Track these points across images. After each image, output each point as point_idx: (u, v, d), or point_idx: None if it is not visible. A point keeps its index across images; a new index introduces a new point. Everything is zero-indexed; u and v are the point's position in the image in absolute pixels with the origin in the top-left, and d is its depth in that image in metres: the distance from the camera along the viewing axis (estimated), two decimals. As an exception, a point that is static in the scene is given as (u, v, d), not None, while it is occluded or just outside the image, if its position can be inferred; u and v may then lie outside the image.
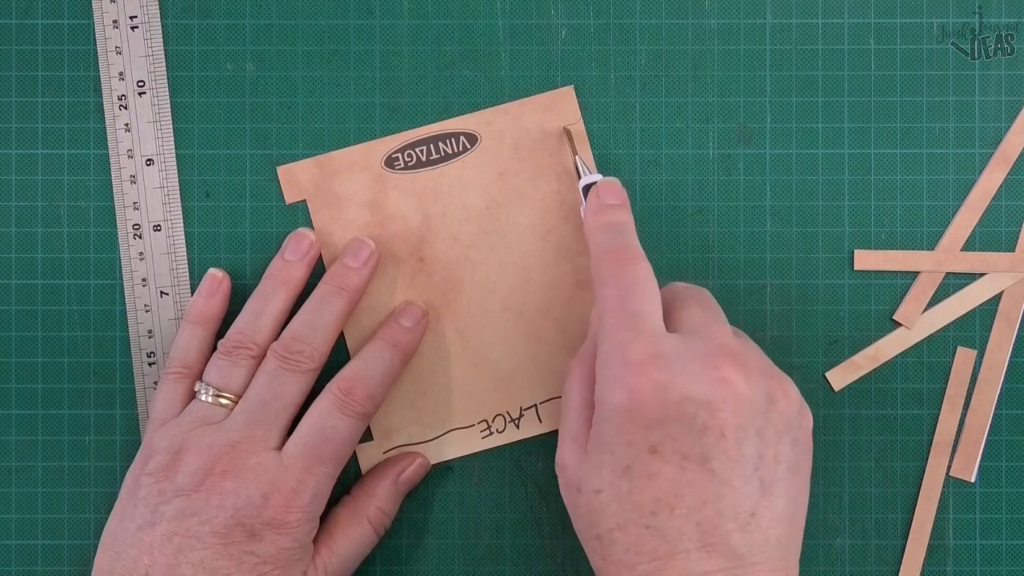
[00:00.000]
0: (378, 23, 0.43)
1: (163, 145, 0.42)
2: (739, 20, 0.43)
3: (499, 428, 0.42)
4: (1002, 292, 0.43)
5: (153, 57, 0.41)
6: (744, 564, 0.33)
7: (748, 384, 0.34)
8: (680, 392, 0.33)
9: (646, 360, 0.34)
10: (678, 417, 0.33)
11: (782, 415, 0.35)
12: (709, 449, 0.33)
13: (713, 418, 0.33)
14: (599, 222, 0.38)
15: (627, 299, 0.36)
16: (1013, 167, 0.43)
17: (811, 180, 0.43)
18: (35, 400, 0.43)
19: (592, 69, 0.43)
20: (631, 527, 0.33)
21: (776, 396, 0.35)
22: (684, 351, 0.34)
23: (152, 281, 0.42)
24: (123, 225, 0.41)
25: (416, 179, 0.42)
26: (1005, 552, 0.43)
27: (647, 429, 0.33)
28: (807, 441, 0.36)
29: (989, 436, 0.43)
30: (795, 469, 0.35)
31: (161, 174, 0.42)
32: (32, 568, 0.42)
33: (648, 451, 0.33)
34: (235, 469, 0.37)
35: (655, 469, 0.33)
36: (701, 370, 0.34)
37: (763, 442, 0.34)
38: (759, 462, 0.34)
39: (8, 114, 0.42)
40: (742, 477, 0.33)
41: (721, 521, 0.33)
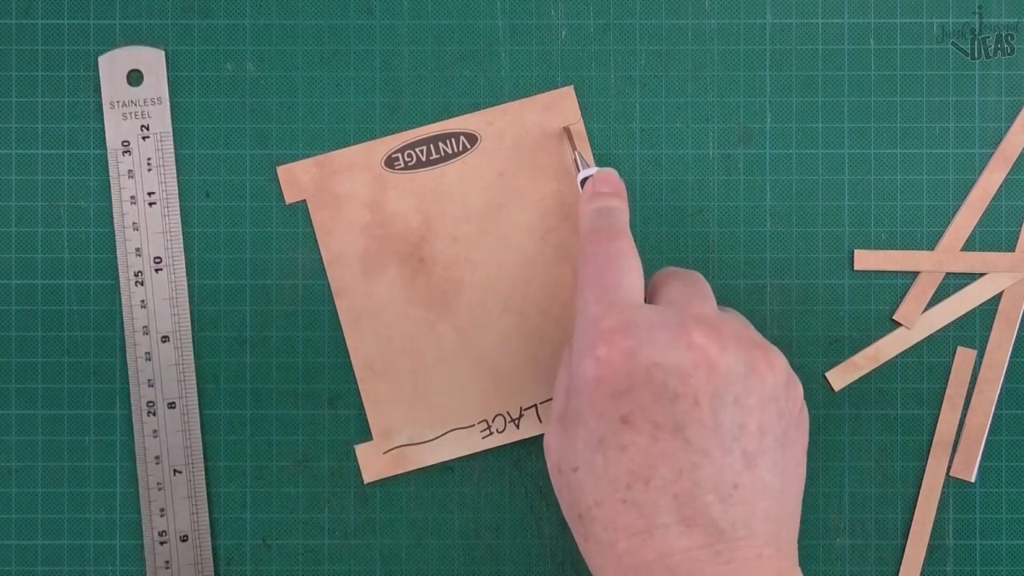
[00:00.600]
0: (378, 23, 0.43)
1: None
2: (739, 20, 0.43)
3: (499, 428, 0.42)
4: (1002, 292, 0.43)
5: (170, 234, 0.41)
6: (726, 539, 0.31)
7: (722, 351, 0.33)
8: (648, 358, 0.32)
9: (615, 329, 0.33)
10: (647, 385, 0.32)
11: (764, 384, 0.33)
12: (682, 417, 0.32)
13: (684, 385, 0.32)
14: (590, 208, 0.38)
15: (604, 273, 0.35)
16: (1013, 167, 0.43)
17: (811, 180, 0.43)
18: (35, 400, 0.43)
19: (592, 69, 0.43)
20: (607, 503, 0.32)
21: (758, 366, 0.33)
22: (655, 320, 0.33)
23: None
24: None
25: (416, 179, 0.42)
26: (1005, 552, 0.43)
27: (616, 399, 0.32)
28: (798, 414, 0.34)
29: (989, 436, 0.43)
30: (784, 442, 0.33)
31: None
32: (32, 568, 0.42)
33: (620, 421, 0.32)
34: None
35: (627, 440, 0.32)
36: (671, 337, 0.33)
37: (743, 411, 0.32)
38: (739, 432, 0.32)
39: (8, 114, 0.42)
40: (721, 447, 0.32)
41: (699, 493, 0.32)
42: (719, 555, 0.31)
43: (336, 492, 0.42)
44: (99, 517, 0.43)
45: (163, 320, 0.42)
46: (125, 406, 0.43)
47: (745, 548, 0.32)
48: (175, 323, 0.42)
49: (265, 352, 0.43)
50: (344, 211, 0.42)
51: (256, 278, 0.43)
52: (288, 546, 0.43)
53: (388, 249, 0.42)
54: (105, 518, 0.43)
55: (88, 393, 0.43)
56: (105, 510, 0.42)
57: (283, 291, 0.43)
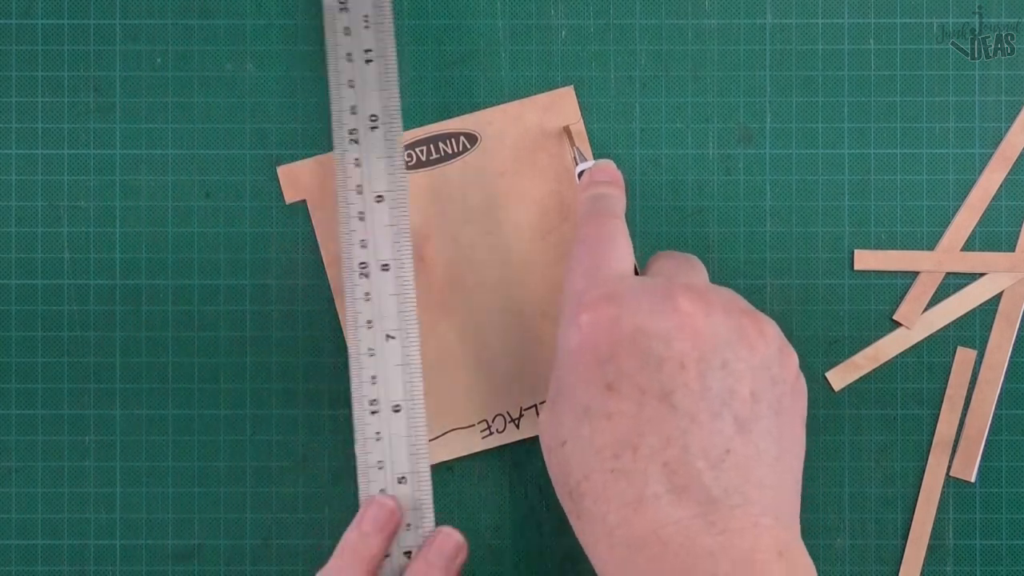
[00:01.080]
0: (378, 23, 0.43)
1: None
2: (739, 20, 0.43)
3: (499, 428, 0.42)
4: (1002, 292, 0.43)
5: (387, 92, 0.40)
6: (720, 508, 0.30)
7: (708, 317, 0.32)
8: (632, 324, 0.32)
9: (598, 298, 0.33)
10: (631, 349, 0.31)
11: (755, 351, 0.32)
12: (668, 382, 0.31)
13: (669, 349, 0.31)
14: (585, 195, 0.38)
15: (593, 253, 0.35)
16: (1013, 167, 0.43)
17: (811, 180, 0.43)
18: (35, 400, 0.43)
19: (592, 69, 0.43)
20: (596, 475, 0.31)
21: (747, 332, 0.32)
22: (640, 288, 0.33)
23: (378, 324, 0.40)
24: (350, 263, 0.40)
25: (416, 179, 0.42)
26: (1005, 552, 0.43)
27: (600, 366, 0.32)
28: (794, 382, 0.34)
29: (989, 436, 0.43)
30: (779, 409, 0.32)
31: (392, 212, 0.40)
32: (32, 568, 0.42)
33: (605, 388, 0.31)
34: None
35: (613, 408, 0.31)
36: (655, 303, 0.32)
37: (732, 376, 0.31)
38: (729, 397, 0.31)
39: (8, 114, 0.42)
40: (709, 412, 0.31)
41: (690, 459, 0.31)
42: (713, 525, 0.30)
43: (336, 492, 0.42)
44: (99, 517, 0.43)
45: (379, 182, 0.40)
46: (125, 406, 0.43)
47: (740, 517, 0.30)
48: (390, 182, 0.40)
49: (265, 352, 0.43)
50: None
51: (256, 278, 0.43)
52: (288, 546, 0.43)
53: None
54: (105, 518, 0.43)
55: (88, 393, 0.43)
56: (105, 510, 0.42)
57: (283, 291, 0.43)
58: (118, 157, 0.43)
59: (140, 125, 0.43)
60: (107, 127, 0.43)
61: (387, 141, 0.40)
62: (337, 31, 0.40)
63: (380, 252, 0.40)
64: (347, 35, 0.40)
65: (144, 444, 0.43)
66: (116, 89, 0.43)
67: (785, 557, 0.31)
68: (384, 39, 0.40)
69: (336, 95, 0.40)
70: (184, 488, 0.43)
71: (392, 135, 0.40)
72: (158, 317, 0.43)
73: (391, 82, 0.40)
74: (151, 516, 0.43)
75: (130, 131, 0.43)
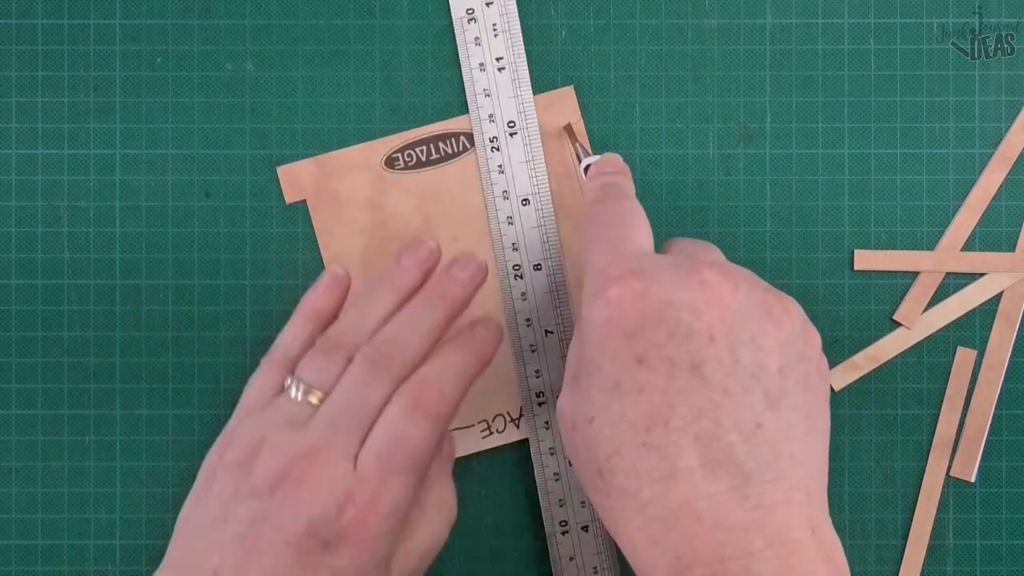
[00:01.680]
0: (378, 23, 0.43)
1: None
2: (739, 20, 0.43)
3: (499, 428, 0.42)
4: (1002, 292, 0.43)
5: (521, 98, 0.41)
6: (753, 482, 0.30)
7: (734, 291, 0.32)
8: (660, 296, 0.31)
9: (624, 273, 0.32)
10: (660, 322, 0.31)
11: (781, 327, 0.32)
12: (698, 354, 0.31)
13: (699, 321, 0.31)
14: (594, 184, 0.38)
15: (611, 229, 0.34)
16: (1013, 167, 0.43)
17: (811, 180, 0.43)
18: (35, 400, 0.43)
19: (592, 69, 0.43)
20: (627, 449, 0.31)
21: (772, 308, 0.32)
22: (666, 263, 0.33)
23: (536, 321, 0.42)
24: (504, 266, 0.42)
25: (416, 179, 0.42)
26: (1005, 552, 0.43)
27: (630, 339, 0.31)
28: (819, 361, 0.33)
29: (989, 436, 0.43)
30: (807, 386, 0.32)
31: (538, 212, 0.42)
32: (32, 568, 0.43)
33: (635, 362, 0.31)
34: (311, 477, 0.34)
35: (643, 381, 0.31)
36: (681, 277, 0.32)
37: (760, 351, 0.31)
38: (759, 371, 0.31)
39: (8, 114, 0.42)
40: (740, 385, 0.31)
41: (721, 432, 0.30)
42: (747, 500, 0.30)
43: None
44: (99, 517, 0.43)
45: (522, 185, 0.42)
46: (125, 406, 0.43)
47: (773, 492, 0.30)
48: (534, 186, 0.42)
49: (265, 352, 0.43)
50: (344, 211, 0.42)
51: (256, 278, 0.43)
52: (288, 546, 0.43)
53: (388, 249, 0.42)
54: (105, 518, 0.43)
55: (88, 393, 0.43)
56: (105, 510, 0.42)
57: (283, 291, 0.43)
58: (118, 157, 0.43)
59: (140, 125, 0.43)
60: (107, 127, 0.43)
61: (526, 146, 0.42)
62: (468, 42, 0.42)
63: (531, 253, 0.41)
64: (477, 45, 0.41)
65: (144, 444, 0.43)
66: (116, 89, 0.43)
67: (817, 535, 0.30)
68: (514, 45, 0.41)
69: (473, 105, 0.42)
70: (184, 488, 0.43)
71: (531, 140, 0.42)
72: (158, 317, 0.43)
73: (525, 87, 0.42)
74: (151, 516, 0.43)
75: (130, 131, 0.43)
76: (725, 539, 0.30)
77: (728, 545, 0.29)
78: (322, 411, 0.36)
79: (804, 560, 0.30)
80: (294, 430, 0.35)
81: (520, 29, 0.42)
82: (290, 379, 0.37)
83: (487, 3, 0.42)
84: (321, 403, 0.36)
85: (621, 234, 0.34)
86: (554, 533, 0.42)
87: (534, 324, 0.42)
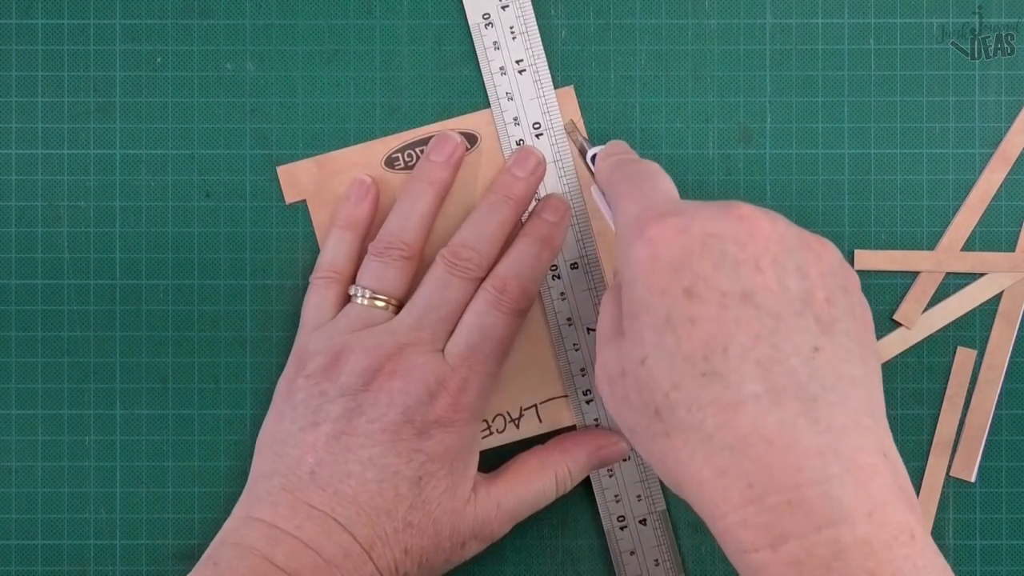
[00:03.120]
0: (378, 23, 0.43)
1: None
2: (739, 20, 0.43)
3: (499, 428, 0.42)
4: (1002, 292, 0.43)
5: (545, 99, 0.42)
6: (820, 405, 0.29)
7: (773, 223, 0.31)
8: (702, 229, 0.31)
9: (662, 213, 0.32)
10: (705, 253, 0.31)
11: (821, 259, 0.32)
12: (747, 283, 0.30)
13: (743, 251, 0.31)
14: (606, 164, 0.38)
15: (639, 183, 0.34)
16: (1013, 167, 0.43)
17: (811, 180, 0.43)
18: (35, 400, 0.43)
19: (592, 69, 0.43)
20: (686, 381, 0.30)
21: (810, 242, 0.32)
22: (700, 203, 0.32)
23: (577, 319, 0.42)
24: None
25: (416, 179, 0.42)
26: (1005, 552, 0.43)
27: (676, 272, 0.31)
28: (860, 298, 0.33)
29: (989, 436, 0.43)
30: (854, 315, 0.32)
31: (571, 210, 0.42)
32: (32, 568, 0.42)
33: (684, 295, 0.30)
34: (403, 369, 0.37)
35: (695, 312, 0.30)
36: (720, 212, 0.32)
37: (806, 280, 0.31)
38: (808, 298, 0.31)
39: (8, 114, 0.42)
40: (792, 311, 0.30)
41: (782, 356, 0.30)
42: (816, 423, 0.29)
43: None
44: (99, 517, 0.43)
45: (551, 185, 0.42)
46: (126, 406, 0.43)
47: (841, 415, 0.29)
48: (564, 184, 0.42)
49: (265, 352, 0.43)
50: (344, 211, 0.42)
51: (256, 278, 0.43)
52: (288, 546, 0.43)
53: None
54: (105, 518, 0.43)
55: (88, 393, 0.43)
56: (105, 510, 0.42)
57: (283, 291, 0.43)
58: (118, 157, 0.43)
59: (140, 125, 0.43)
60: (107, 127, 0.43)
61: (553, 146, 0.42)
62: (487, 47, 0.42)
63: (567, 252, 0.42)
64: (497, 49, 0.42)
65: (144, 444, 0.43)
66: (116, 89, 0.43)
67: (889, 459, 0.30)
68: (532, 47, 0.42)
69: (497, 109, 0.42)
70: (184, 488, 0.43)
71: (557, 139, 0.42)
72: (158, 317, 0.43)
73: (547, 87, 0.42)
74: (151, 516, 0.43)
75: (130, 131, 0.43)
76: (800, 463, 0.29)
77: (804, 470, 0.29)
78: (405, 312, 0.39)
79: (882, 487, 0.29)
80: (377, 331, 0.38)
81: (538, 29, 0.42)
82: (353, 288, 0.40)
83: (503, 6, 0.42)
84: (387, 304, 0.39)
85: (649, 185, 0.34)
86: (612, 529, 0.42)
87: (575, 323, 0.42)
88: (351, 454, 0.37)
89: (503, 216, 0.40)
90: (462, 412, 0.38)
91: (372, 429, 0.37)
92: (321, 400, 0.38)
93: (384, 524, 0.37)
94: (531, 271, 0.40)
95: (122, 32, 0.43)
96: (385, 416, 0.37)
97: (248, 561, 0.35)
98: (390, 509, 0.37)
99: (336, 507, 0.37)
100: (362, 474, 0.37)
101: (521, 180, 0.41)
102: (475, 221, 0.40)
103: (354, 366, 0.38)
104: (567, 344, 0.42)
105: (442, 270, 0.39)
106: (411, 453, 0.37)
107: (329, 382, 0.38)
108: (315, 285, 0.41)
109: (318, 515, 0.36)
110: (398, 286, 0.40)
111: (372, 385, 0.37)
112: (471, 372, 0.38)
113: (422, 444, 0.37)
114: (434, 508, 0.37)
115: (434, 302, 0.39)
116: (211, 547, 0.37)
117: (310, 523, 0.36)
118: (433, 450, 0.37)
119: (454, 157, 0.41)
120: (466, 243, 0.40)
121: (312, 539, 0.36)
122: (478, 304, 0.39)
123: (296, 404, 0.38)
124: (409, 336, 0.38)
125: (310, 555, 0.36)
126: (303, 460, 0.37)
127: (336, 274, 0.40)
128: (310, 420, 0.38)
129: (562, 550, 0.43)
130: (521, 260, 0.40)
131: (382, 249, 0.40)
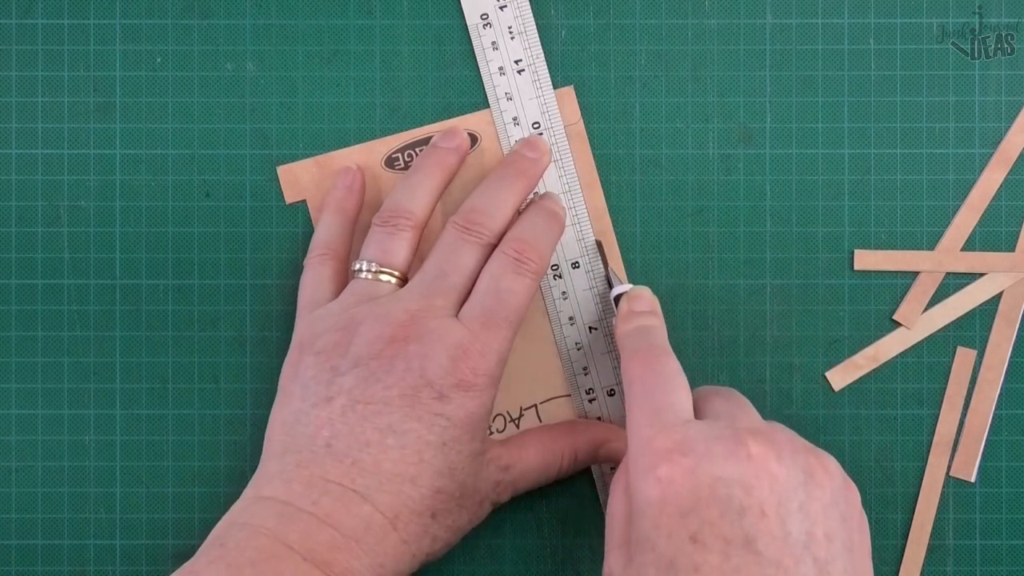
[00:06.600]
0: (378, 23, 0.43)
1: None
2: (739, 20, 0.43)
3: (499, 428, 0.42)
4: (1002, 292, 0.43)
5: (544, 98, 0.42)
6: None
7: (779, 460, 0.33)
8: (710, 474, 0.32)
9: (671, 448, 0.33)
10: (712, 500, 0.32)
11: (824, 489, 0.33)
12: (751, 530, 0.31)
13: (750, 497, 0.32)
14: (628, 328, 0.38)
15: (653, 394, 0.35)
16: (1013, 167, 0.43)
17: (811, 180, 0.43)
18: (35, 400, 0.43)
19: (592, 69, 0.43)
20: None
21: (814, 471, 0.33)
22: (709, 434, 0.33)
23: (579, 319, 0.42)
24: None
25: (416, 179, 0.42)
26: (1005, 552, 0.43)
27: (683, 517, 0.32)
28: (859, 518, 0.34)
29: (989, 436, 0.43)
30: (851, 547, 0.33)
31: (570, 210, 0.42)
32: (32, 568, 0.43)
33: (689, 541, 0.32)
34: (418, 334, 0.37)
35: (699, 560, 0.31)
36: (728, 449, 0.33)
37: (808, 519, 0.32)
38: (808, 540, 0.32)
39: (8, 114, 0.42)
40: (793, 557, 0.31)
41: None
42: None
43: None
44: (99, 517, 0.43)
45: (551, 185, 0.42)
46: (126, 406, 0.43)
47: None
48: (564, 184, 0.42)
49: (265, 352, 0.43)
50: (344, 211, 0.42)
51: (256, 278, 0.43)
52: (288, 546, 0.43)
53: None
54: (105, 518, 0.43)
55: (88, 393, 0.43)
56: (105, 510, 0.42)
57: (283, 291, 0.43)
58: (118, 157, 0.43)
59: (140, 125, 0.43)
60: (107, 127, 0.43)
61: (553, 146, 0.42)
62: (485, 47, 0.42)
63: (568, 251, 0.42)
64: (495, 49, 0.42)
65: (144, 444, 0.43)
66: (116, 89, 0.43)
67: None
68: (531, 47, 0.42)
69: (496, 110, 0.42)
70: (184, 488, 0.43)
71: (557, 139, 0.42)
72: (158, 317, 0.43)
73: (546, 87, 0.42)
74: (151, 516, 0.43)
75: (130, 131, 0.43)
76: None
77: None
78: (415, 280, 0.38)
79: None
80: (385, 300, 0.38)
81: (536, 29, 0.42)
82: (357, 262, 0.39)
83: (501, 7, 0.42)
84: (392, 277, 0.39)
85: (660, 399, 0.35)
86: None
87: (577, 322, 0.42)
88: (368, 423, 0.36)
89: (514, 187, 0.40)
90: (482, 376, 0.37)
91: (390, 395, 0.36)
92: (332, 375, 0.37)
93: (409, 491, 0.36)
94: (545, 235, 0.39)
95: (122, 32, 0.43)
96: (403, 381, 0.36)
97: (258, 542, 0.34)
98: (415, 476, 0.36)
99: (356, 478, 0.36)
100: (382, 441, 0.36)
101: (531, 160, 0.41)
102: (487, 188, 0.40)
103: (365, 336, 0.37)
104: (569, 344, 0.42)
105: (454, 235, 0.39)
106: (432, 418, 0.36)
107: (340, 357, 0.37)
108: (310, 263, 0.40)
109: (335, 488, 0.35)
110: (403, 257, 0.39)
111: (386, 352, 0.36)
112: (490, 336, 0.37)
113: (443, 408, 0.36)
114: (459, 472, 0.37)
115: (445, 268, 0.38)
116: (217, 527, 0.36)
117: (327, 498, 0.35)
118: (455, 415, 0.36)
119: (462, 148, 0.41)
120: (477, 208, 0.39)
121: (329, 514, 0.35)
122: (494, 267, 0.38)
123: (306, 383, 0.37)
124: (420, 303, 0.37)
125: (327, 531, 0.35)
126: (318, 435, 0.36)
127: (331, 251, 0.40)
128: (322, 395, 0.37)
129: (562, 550, 0.43)
130: (535, 224, 0.39)
131: (388, 218, 0.39)
